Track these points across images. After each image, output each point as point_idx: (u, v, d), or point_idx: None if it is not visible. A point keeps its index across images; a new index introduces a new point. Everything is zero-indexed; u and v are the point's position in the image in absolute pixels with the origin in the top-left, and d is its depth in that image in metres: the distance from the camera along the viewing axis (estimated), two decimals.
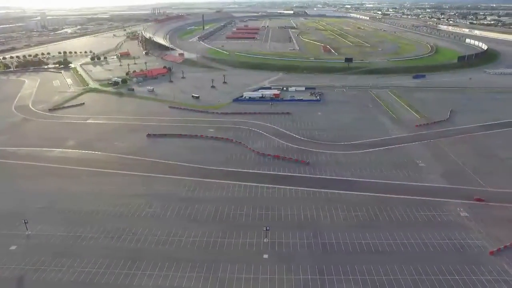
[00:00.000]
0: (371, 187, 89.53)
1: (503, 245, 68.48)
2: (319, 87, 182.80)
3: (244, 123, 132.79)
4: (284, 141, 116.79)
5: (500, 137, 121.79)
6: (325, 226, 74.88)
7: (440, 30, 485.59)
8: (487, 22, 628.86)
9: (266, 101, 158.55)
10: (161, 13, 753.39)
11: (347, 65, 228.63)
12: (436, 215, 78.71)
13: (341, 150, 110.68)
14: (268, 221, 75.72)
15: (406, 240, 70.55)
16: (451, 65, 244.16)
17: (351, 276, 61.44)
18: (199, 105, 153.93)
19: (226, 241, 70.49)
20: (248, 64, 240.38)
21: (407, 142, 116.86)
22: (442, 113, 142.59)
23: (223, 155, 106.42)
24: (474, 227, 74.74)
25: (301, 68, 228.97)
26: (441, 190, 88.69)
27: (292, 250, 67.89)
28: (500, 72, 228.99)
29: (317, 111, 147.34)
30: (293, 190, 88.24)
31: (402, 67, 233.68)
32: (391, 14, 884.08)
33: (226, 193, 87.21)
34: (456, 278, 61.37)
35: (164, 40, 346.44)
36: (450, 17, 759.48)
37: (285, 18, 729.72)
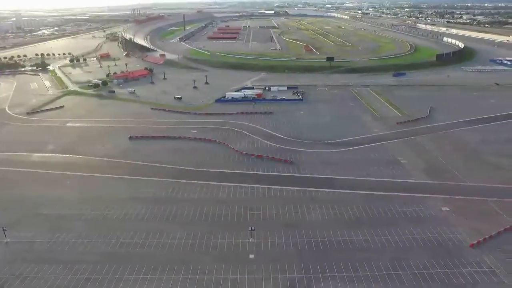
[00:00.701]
0: (355, 185, 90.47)
1: (483, 238, 70.20)
2: (301, 86, 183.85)
3: (227, 123, 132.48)
4: (267, 140, 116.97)
5: (478, 133, 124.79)
6: (310, 224, 75.28)
7: (418, 29, 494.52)
8: (463, 21, 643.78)
9: (248, 101, 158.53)
10: (141, 13, 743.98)
11: (329, 64, 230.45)
12: (419, 210, 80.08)
13: (325, 148, 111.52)
14: (253, 221, 75.71)
15: (390, 236, 71.55)
16: (429, 63, 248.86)
17: (337, 274, 61.95)
18: (182, 106, 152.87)
19: (211, 242, 70.17)
20: (230, 64, 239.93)
21: (389, 139, 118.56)
22: (422, 110, 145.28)
23: (206, 156, 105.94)
24: (455, 221, 76.34)
25: (283, 67, 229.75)
26: (423, 186, 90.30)
27: (278, 250, 68.04)
28: (477, 70, 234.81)
29: (299, 110, 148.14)
30: (277, 189, 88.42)
31: (383, 66, 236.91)
32: (371, 13, 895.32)
33: (210, 194, 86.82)
34: (438, 271, 62.57)
35: (145, 41, 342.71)
36: (428, 16, 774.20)
37: (266, 18, 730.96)
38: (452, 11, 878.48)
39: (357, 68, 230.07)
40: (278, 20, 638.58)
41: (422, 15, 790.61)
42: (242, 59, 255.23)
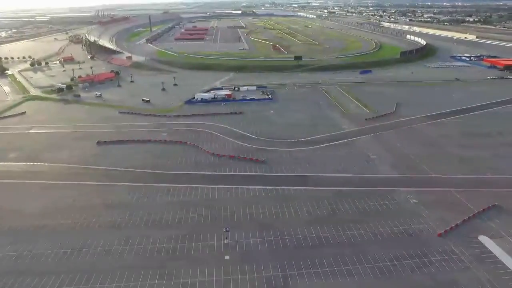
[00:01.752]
0: (327, 182, 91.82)
1: (449, 227, 72.94)
2: (270, 86, 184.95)
3: (197, 125, 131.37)
4: (238, 141, 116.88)
5: (442, 126, 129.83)
6: (284, 223, 75.77)
7: (383, 27, 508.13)
8: (424, 19, 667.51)
9: (218, 102, 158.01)
10: (105, 15, 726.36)
11: (297, 63, 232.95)
12: (389, 203, 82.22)
13: (296, 146, 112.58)
14: (227, 222, 75.41)
15: (362, 230, 73.07)
16: (394, 60, 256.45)
17: (312, 270, 62.64)
18: (150, 109, 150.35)
19: (185, 245, 69.33)
20: (199, 65, 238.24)
21: (358, 135, 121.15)
22: (388, 106, 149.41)
23: (177, 159, 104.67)
24: (423, 212, 78.92)
25: (251, 67, 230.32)
26: (392, 180, 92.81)
27: (254, 249, 68.08)
28: (438, 66, 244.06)
29: (269, 109, 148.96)
30: (250, 189, 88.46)
31: (350, 63, 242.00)
32: (337, 12, 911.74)
33: (182, 197, 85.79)
34: (409, 261, 64.43)
35: (110, 43, 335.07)
36: (391, 14, 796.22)
37: (233, 18, 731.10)
38: (413, 10, 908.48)
39: (325, 66, 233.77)
40: (246, 20, 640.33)
41: (386, 14, 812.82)
42: (211, 60, 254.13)
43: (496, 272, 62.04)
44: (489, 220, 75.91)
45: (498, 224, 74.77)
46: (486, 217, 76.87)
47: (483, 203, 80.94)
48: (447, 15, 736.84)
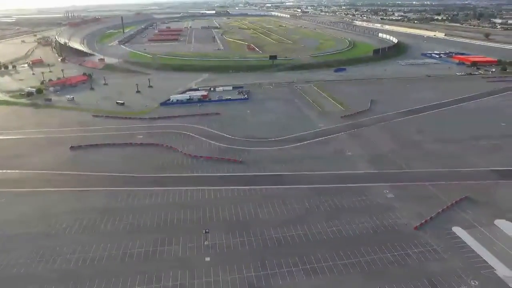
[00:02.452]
0: (304, 180, 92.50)
1: (424, 220, 74.87)
2: (246, 86, 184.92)
3: (173, 126, 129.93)
4: (215, 141, 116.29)
5: (415, 122, 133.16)
6: (263, 222, 75.88)
7: (355, 25, 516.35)
8: (395, 17, 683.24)
9: (194, 103, 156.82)
10: (75, 16, 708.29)
11: (272, 62, 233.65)
12: (366, 199, 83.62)
13: (273, 146, 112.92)
14: (206, 224, 74.88)
15: (341, 226, 74.00)
16: (367, 58, 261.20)
17: (293, 268, 62.99)
18: (125, 112, 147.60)
19: (165, 248, 68.43)
20: (173, 66, 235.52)
21: (335, 133, 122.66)
22: (363, 103, 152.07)
23: (154, 161, 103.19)
24: (399, 206, 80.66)
25: (227, 67, 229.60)
26: (368, 176, 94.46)
27: (234, 250, 67.88)
28: (410, 63, 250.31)
29: (246, 109, 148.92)
30: (229, 190, 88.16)
31: (324, 62, 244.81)
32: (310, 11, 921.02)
33: (161, 199, 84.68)
34: (387, 255, 65.75)
35: (82, 45, 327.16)
36: (363, 13, 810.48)
37: (207, 18, 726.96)
38: (385, 9, 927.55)
39: (300, 65, 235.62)
40: (220, 20, 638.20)
41: (358, 13, 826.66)
42: (185, 61, 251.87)
43: (469, 261, 64.18)
44: (461, 212, 78.39)
45: (470, 215, 77.33)
46: (459, 209, 79.35)
47: (455, 196, 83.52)
48: (416, 14, 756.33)
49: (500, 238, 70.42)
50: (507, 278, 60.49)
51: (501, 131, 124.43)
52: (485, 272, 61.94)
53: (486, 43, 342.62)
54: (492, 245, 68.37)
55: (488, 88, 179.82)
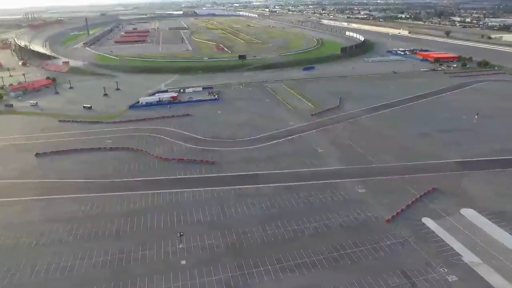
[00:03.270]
0: (278, 178, 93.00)
1: (396, 212, 76.93)
2: (216, 86, 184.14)
3: (143, 129, 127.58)
4: (187, 143, 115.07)
5: (383, 118, 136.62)
6: (238, 222, 75.74)
7: (323, 24, 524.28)
8: (361, 16, 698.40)
9: (164, 105, 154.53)
10: (35, 17, 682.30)
11: (241, 62, 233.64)
12: (339, 195, 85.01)
13: (245, 145, 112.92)
14: (181, 226, 73.95)
15: (316, 223, 74.86)
16: (335, 56, 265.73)
17: (269, 266, 63.16)
18: (93, 116, 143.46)
19: (139, 254, 67.03)
20: (141, 68, 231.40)
21: (305, 131, 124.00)
22: (332, 101, 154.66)
23: (125, 165, 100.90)
24: (371, 200, 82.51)
25: (196, 68, 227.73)
26: (340, 172, 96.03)
27: (210, 251, 67.38)
28: (377, 60, 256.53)
29: (216, 110, 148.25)
30: (202, 191, 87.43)
31: (293, 61, 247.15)
32: (278, 11, 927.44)
33: (133, 204, 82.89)
34: (362, 249, 67.09)
35: (44, 48, 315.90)
36: (330, 12, 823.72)
37: (175, 18, 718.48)
38: (351, 7, 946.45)
39: (269, 64, 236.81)
40: (187, 21, 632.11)
41: (325, 12, 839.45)
42: (154, 62, 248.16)
43: (439, 250, 66.52)
44: (430, 203, 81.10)
45: (438, 205, 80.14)
46: (427, 200, 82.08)
47: (424, 188, 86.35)
48: (381, 12, 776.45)
49: (465, 226, 73.35)
50: (472, 263, 63.24)
51: (464, 124, 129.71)
52: (453, 259, 64.39)
53: (447, 40, 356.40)
54: (459, 233, 71.13)
55: (450, 83, 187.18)
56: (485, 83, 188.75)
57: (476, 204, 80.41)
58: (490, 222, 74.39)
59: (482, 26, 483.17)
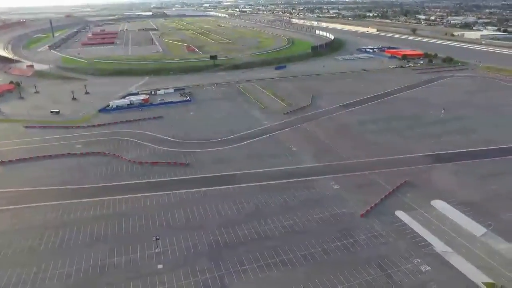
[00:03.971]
0: (253, 178, 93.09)
1: (370, 207, 78.53)
2: (188, 87, 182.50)
3: (115, 133, 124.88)
4: (160, 146, 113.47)
5: (355, 114, 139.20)
6: (214, 223, 75.31)
7: (293, 23, 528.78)
8: (330, 15, 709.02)
9: (135, 108, 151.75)
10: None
11: (213, 62, 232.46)
12: (314, 192, 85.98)
13: (219, 146, 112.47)
14: (156, 230, 72.85)
15: (292, 221, 75.41)
16: (306, 55, 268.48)
17: (247, 266, 63.12)
18: (61, 121, 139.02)
19: (114, 260, 65.55)
20: (111, 71, 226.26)
21: (279, 129, 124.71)
22: (305, 99, 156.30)
23: (97, 171, 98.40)
24: (345, 196, 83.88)
25: (167, 70, 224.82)
26: (314, 169, 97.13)
27: (186, 254, 66.67)
28: (347, 58, 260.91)
29: (189, 111, 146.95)
30: (177, 193, 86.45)
31: (264, 60, 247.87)
32: (248, 10, 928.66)
33: (106, 210, 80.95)
34: (338, 244, 68.06)
35: (5, 51, 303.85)
36: (300, 11, 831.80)
37: (144, 19, 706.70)
38: (320, 6, 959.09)
39: (240, 64, 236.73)
40: (157, 22, 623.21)
41: (295, 11, 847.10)
42: (123, 65, 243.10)
43: (412, 242, 68.39)
44: (402, 196, 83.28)
45: (410, 198, 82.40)
46: (400, 194, 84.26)
47: (396, 181, 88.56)
48: (350, 11, 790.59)
49: (436, 217, 75.78)
50: (444, 253, 65.46)
51: (431, 118, 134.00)
52: (426, 250, 66.40)
53: (413, 37, 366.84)
54: (431, 224, 73.39)
55: (418, 79, 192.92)
56: (450, 78, 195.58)
57: (446, 195, 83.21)
58: (459, 212, 77.15)
59: (446, 24, 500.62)
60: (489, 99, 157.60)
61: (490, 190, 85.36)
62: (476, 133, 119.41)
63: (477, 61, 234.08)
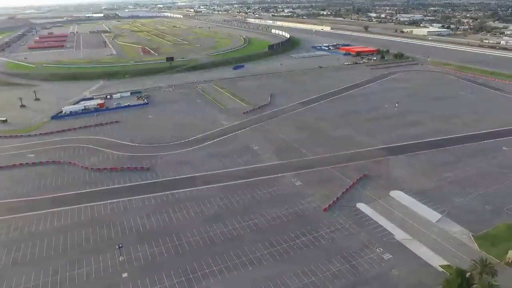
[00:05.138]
0: (216, 179, 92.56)
1: (332, 201, 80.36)
2: (145, 90, 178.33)
3: (70, 140, 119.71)
4: (118, 151, 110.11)
5: (313, 111, 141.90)
6: (178, 227, 74.22)
7: (249, 23, 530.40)
8: (285, 14, 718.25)
9: (90, 113, 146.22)
10: None
11: (169, 64, 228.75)
12: (276, 189, 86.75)
13: (179, 149, 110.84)
14: (119, 238, 70.70)
15: (257, 219, 75.73)
16: (263, 53, 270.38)
17: (215, 268, 62.75)
18: (10, 130, 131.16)
19: (76, 273, 62.83)
20: (62, 75, 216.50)
21: (239, 129, 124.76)
22: (263, 98, 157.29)
23: (52, 180, 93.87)
24: (308, 192, 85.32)
25: (122, 73, 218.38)
26: (276, 167, 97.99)
27: (152, 260, 65.20)
28: (303, 56, 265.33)
29: (147, 115, 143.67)
30: (138, 199, 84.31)
31: (222, 60, 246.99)
32: (203, 11, 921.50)
33: (64, 221, 77.41)
34: (303, 239, 69.19)
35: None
36: (255, 11, 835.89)
37: (95, 21, 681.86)
38: (275, 6, 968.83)
39: (198, 65, 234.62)
40: (109, 24, 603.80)
41: (250, 10, 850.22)
42: (75, 69, 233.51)
43: (373, 232, 70.82)
44: (362, 189, 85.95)
45: (370, 190, 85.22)
46: (360, 186, 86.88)
47: (355, 175, 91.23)
48: (304, 10, 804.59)
49: (395, 206, 78.90)
50: (403, 240, 68.32)
51: (385, 112, 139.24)
52: (387, 238, 68.98)
53: (365, 34, 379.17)
54: (390, 214, 76.28)
55: (372, 75, 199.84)
56: (402, 73, 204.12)
57: (402, 185, 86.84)
58: (415, 200, 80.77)
59: (395, 21, 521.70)
60: (439, 92, 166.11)
61: (443, 178, 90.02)
62: (428, 124, 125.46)
63: (425, 56, 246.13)
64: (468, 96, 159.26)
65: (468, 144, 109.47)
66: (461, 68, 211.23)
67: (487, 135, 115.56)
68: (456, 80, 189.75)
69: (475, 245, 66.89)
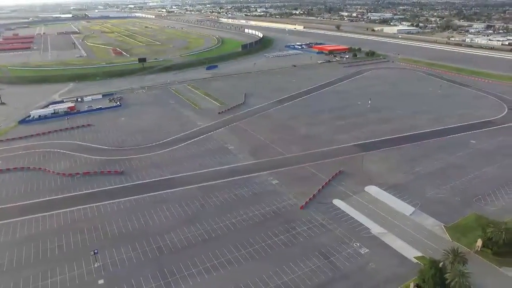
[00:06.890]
0: (192, 180, 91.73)
1: (309, 198, 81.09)
2: (117, 92, 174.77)
3: (39, 145, 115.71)
4: (91, 155, 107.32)
5: (287, 110, 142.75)
6: (156, 229, 73.12)
7: (222, 23, 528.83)
8: (258, 13, 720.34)
9: (61, 117, 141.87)
10: None
11: (142, 65, 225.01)
12: (253, 189, 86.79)
13: (154, 151, 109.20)
14: (94, 244, 68.91)
15: (234, 219, 75.50)
16: (237, 53, 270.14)
17: (193, 270, 62.17)
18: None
19: (49, 282, 60.80)
20: (29, 78, 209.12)
21: (214, 129, 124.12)
22: (238, 98, 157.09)
23: (20, 187, 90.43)
24: (284, 190, 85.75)
25: (93, 75, 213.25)
26: (252, 166, 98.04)
27: (128, 265, 63.90)
28: (276, 55, 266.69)
29: (120, 117, 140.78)
30: (114, 203, 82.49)
31: (195, 61, 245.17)
32: (176, 11, 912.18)
33: (35, 229, 74.63)
34: (281, 237, 69.51)
35: None
36: (228, 10, 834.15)
37: (63, 22, 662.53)
38: (248, 5, 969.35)
39: (171, 66, 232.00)
40: (79, 24, 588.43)
41: (223, 10, 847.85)
42: (43, 71, 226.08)
43: (350, 227, 71.93)
44: (338, 185, 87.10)
45: (345, 186, 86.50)
46: (336, 183, 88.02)
47: (331, 172, 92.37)
48: (277, 9, 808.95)
49: (370, 201, 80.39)
50: (379, 234, 69.70)
51: (358, 109, 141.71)
52: (364, 233, 70.19)
53: (338, 33, 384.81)
54: (366, 209, 77.64)
55: (345, 72, 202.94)
56: (374, 71, 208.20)
57: (377, 181, 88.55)
58: (390, 195, 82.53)
59: (366, 20, 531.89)
60: (410, 88, 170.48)
61: (415, 172, 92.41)
62: (399, 120, 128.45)
63: (396, 54, 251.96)
64: (437, 92, 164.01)
65: (438, 138, 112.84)
66: (430, 65, 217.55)
67: (456, 129, 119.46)
68: (425, 76, 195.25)
69: (447, 235, 69.03)
